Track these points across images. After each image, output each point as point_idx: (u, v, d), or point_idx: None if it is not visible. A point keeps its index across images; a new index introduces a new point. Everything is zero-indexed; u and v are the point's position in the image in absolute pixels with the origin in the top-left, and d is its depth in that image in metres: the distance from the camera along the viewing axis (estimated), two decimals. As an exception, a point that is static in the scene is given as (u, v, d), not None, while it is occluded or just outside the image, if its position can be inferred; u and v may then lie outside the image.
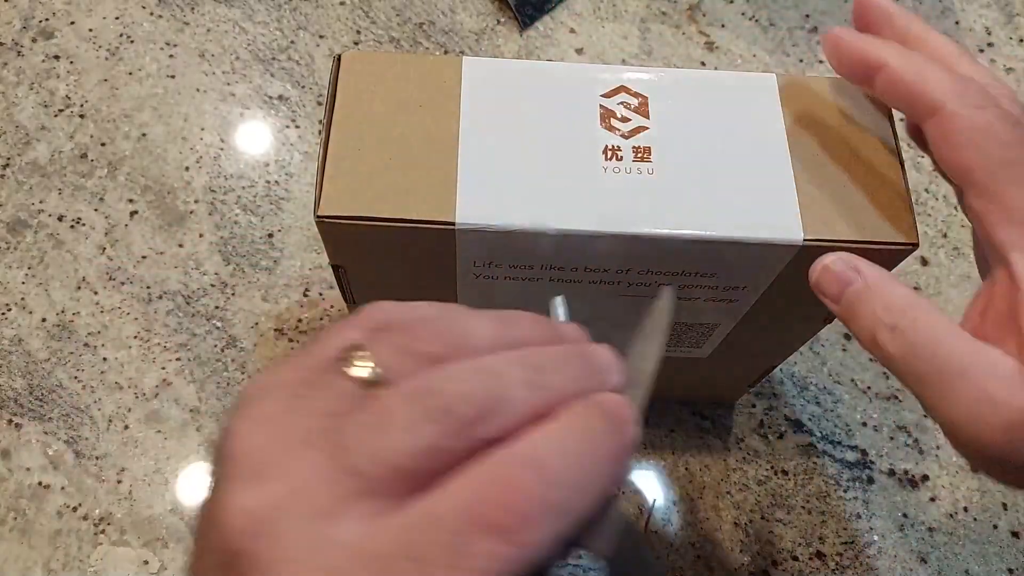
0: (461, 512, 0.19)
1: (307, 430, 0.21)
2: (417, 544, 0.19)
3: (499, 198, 0.31)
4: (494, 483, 0.20)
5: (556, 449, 0.21)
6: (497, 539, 0.19)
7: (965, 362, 0.26)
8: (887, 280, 0.29)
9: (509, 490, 0.20)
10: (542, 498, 0.20)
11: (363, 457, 0.20)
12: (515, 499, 0.19)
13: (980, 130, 0.28)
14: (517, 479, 0.20)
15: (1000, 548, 0.49)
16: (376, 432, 0.20)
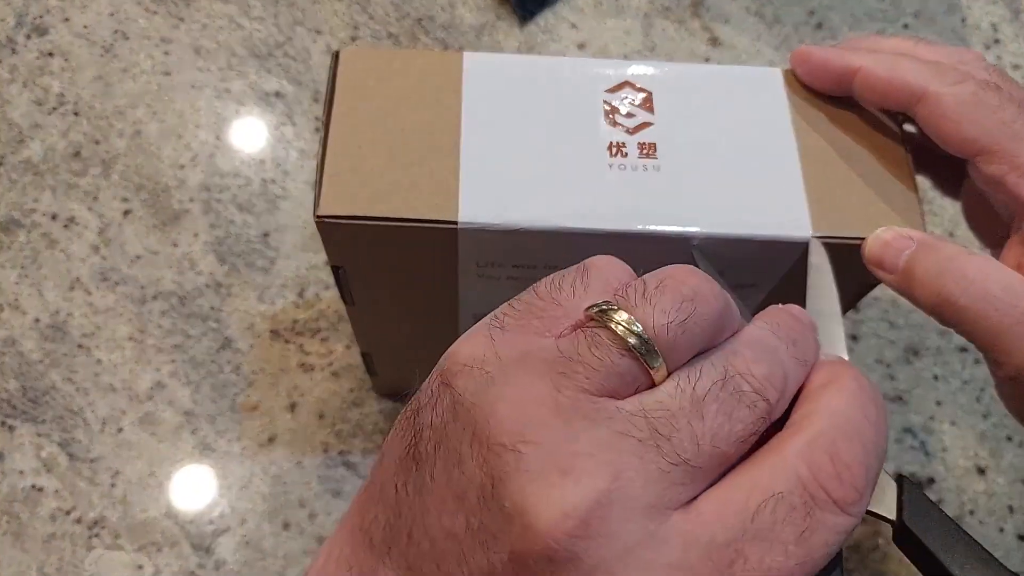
0: (799, 488, 0.19)
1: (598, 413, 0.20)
2: (762, 524, 0.19)
3: (502, 196, 0.30)
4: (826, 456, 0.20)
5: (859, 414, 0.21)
6: (836, 511, 0.19)
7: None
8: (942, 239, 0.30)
9: (842, 463, 0.20)
10: (866, 464, 0.20)
11: (686, 445, 0.19)
12: (849, 472, 0.20)
13: (968, 102, 0.30)
14: (844, 450, 0.20)
15: (1006, 552, 0.48)
16: (694, 418, 0.20)
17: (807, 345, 0.23)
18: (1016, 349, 0.27)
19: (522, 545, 0.19)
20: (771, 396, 0.21)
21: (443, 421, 0.21)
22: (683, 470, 0.19)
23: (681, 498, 0.19)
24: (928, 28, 0.62)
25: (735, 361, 0.21)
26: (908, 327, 0.53)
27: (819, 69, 0.33)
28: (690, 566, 0.19)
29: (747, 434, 0.20)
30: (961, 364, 0.53)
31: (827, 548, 0.19)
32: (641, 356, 0.20)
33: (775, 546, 0.19)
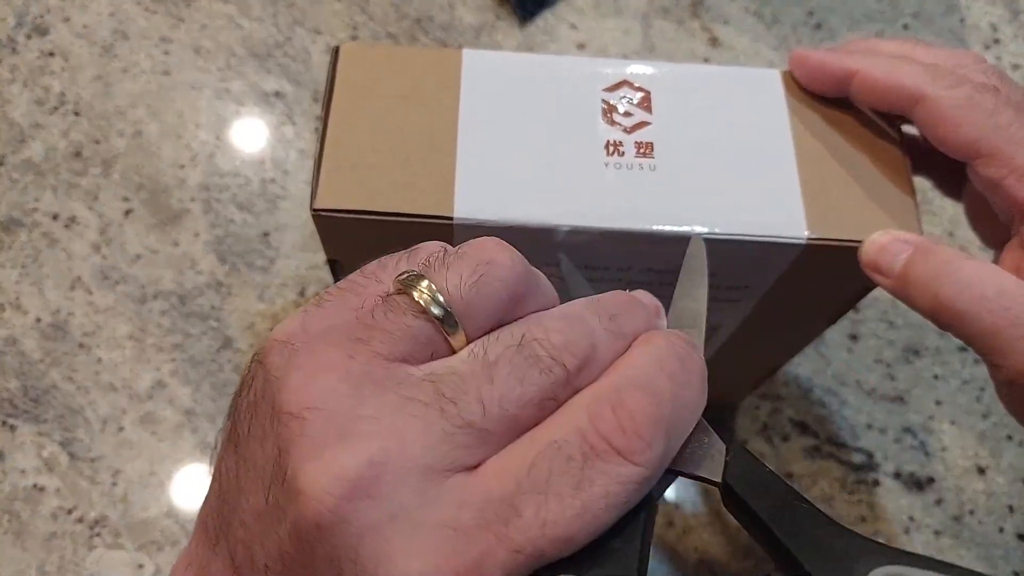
0: (579, 438, 0.19)
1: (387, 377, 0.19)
2: (538, 477, 0.19)
3: (498, 193, 0.30)
4: (608, 406, 0.20)
5: (655, 367, 0.21)
6: (618, 460, 0.19)
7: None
8: (938, 243, 0.30)
9: (623, 411, 0.20)
10: (655, 416, 0.20)
11: (473, 408, 0.19)
12: (631, 419, 0.20)
13: (965, 106, 0.30)
14: (630, 400, 0.20)
15: (1006, 551, 0.48)
16: (483, 381, 0.20)
17: (629, 320, 0.23)
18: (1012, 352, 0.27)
19: (296, 514, 0.18)
20: (568, 362, 0.20)
21: (255, 399, 0.20)
22: (468, 433, 0.19)
23: (466, 460, 0.19)
24: (927, 29, 0.62)
25: (535, 329, 0.21)
26: (908, 327, 0.53)
27: (817, 72, 0.33)
28: (462, 525, 0.18)
29: (540, 398, 0.20)
30: (961, 364, 0.53)
31: (608, 499, 0.19)
32: (437, 320, 0.20)
33: (551, 498, 0.19)
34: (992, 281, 0.28)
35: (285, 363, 0.20)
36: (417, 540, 0.18)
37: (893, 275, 0.30)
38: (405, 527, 0.18)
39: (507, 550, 0.18)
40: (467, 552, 0.18)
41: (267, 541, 0.19)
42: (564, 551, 0.19)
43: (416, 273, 0.21)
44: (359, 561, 0.18)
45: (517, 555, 0.18)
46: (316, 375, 0.19)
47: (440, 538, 0.18)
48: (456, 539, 0.18)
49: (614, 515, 0.19)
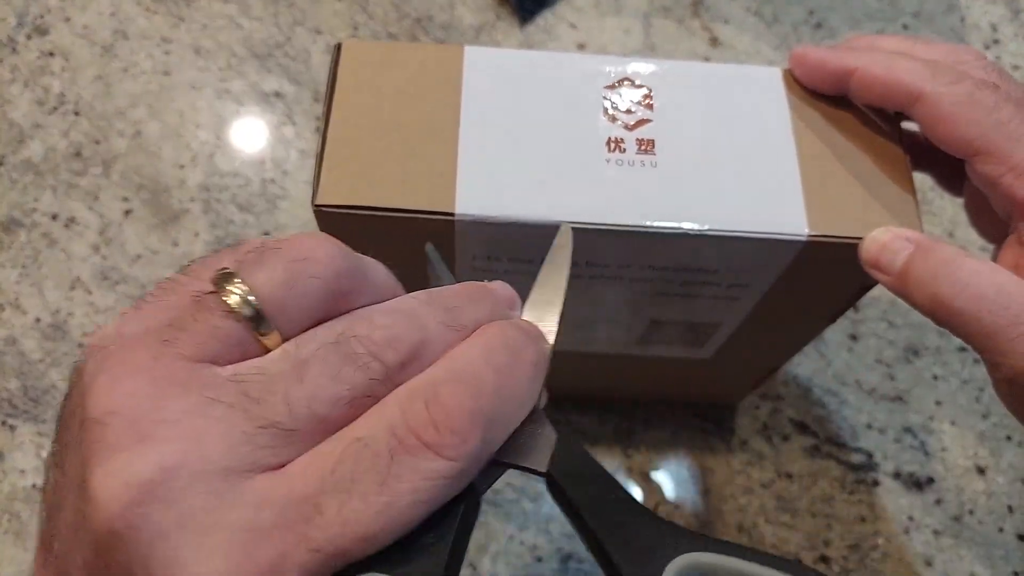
0: (388, 433, 0.19)
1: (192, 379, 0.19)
2: (342, 474, 0.18)
3: (499, 189, 0.30)
4: (421, 400, 0.19)
5: (479, 360, 0.20)
6: (429, 455, 0.19)
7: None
8: (938, 241, 0.29)
9: (437, 405, 0.19)
10: (471, 409, 0.19)
11: (278, 408, 0.19)
12: (444, 413, 0.19)
13: (964, 102, 0.30)
14: (444, 393, 0.19)
15: (1006, 551, 0.48)
16: (292, 381, 0.19)
17: (469, 312, 0.22)
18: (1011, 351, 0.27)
19: (92, 522, 0.18)
20: (389, 358, 0.20)
21: (72, 406, 0.20)
22: (273, 433, 0.18)
23: (270, 461, 0.18)
24: (927, 28, 0.62)
25: (356, 325, 0.20)
26: (908, 327, 0.53)
27: (816, 69, 0.33)
28: (261, 526, 0.18)
29: (355, 396, 0.19)
30: (961, 364, 0.52)
31: (415, 495, 0.19)
32: (248, 319, 0.19)
33: (354, 495, 0.18)
34: (992, 280, 0.28)
35: (96, 368, 0.19)
36: (208, 544, 0.17)
37: (893, 273, 0.30)
38: (197, 531, 0.17)
39: (306, 550, 0.18)
40: (262, 554, 0.18)
41: (77, 554, 0.19)
42: (368, 549, 0.18)
43: (228, 271, 0.20)
44: (150, 568, 0.17)
45: (316, 554, 0.18)
46: (120, 379, 0.19)
47: (233, 541, 0.18)
48: (251, 541, 0.18)
49: (423, 511, 0.19)
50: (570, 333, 0.39)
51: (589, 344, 0.41)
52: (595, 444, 0.50)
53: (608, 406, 0.51)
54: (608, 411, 0.51)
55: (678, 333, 0.39)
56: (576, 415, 0.50)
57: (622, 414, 0.51)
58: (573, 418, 0.50)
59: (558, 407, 0.50)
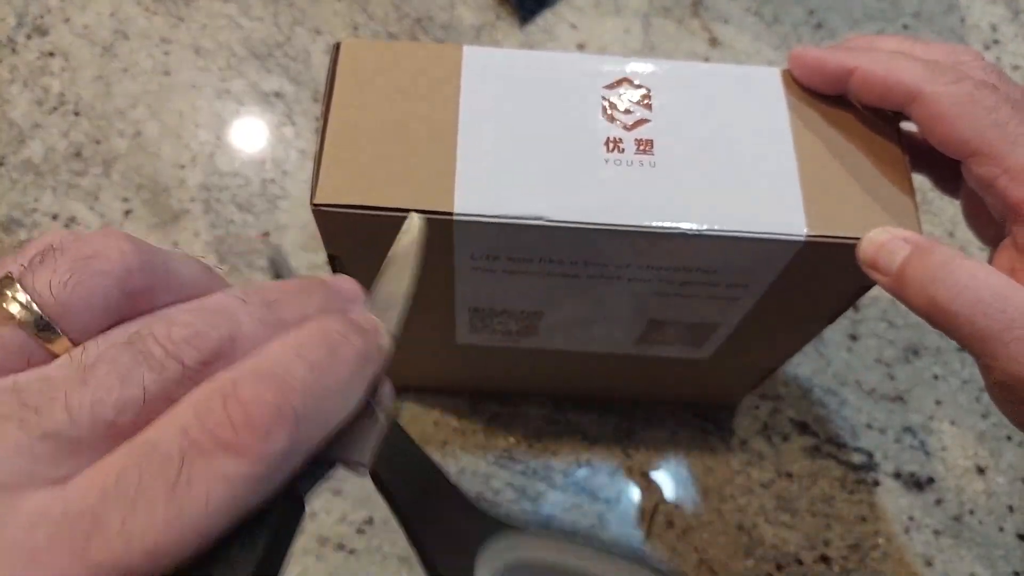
0: (179, 437, 0.17)
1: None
2: (127, 483, 0.17)
3: (498, 189, 0.30)
4: (219, 399, 0.18)
5: (289, 354, 0.19)
6: (227, 457, 0.17)
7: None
8: (936, 243, 0.29)
9: (236, 404, 0.18)
10: (276, 406, 0.18)
11: (57, 416, 0.17)
12: (244, 412, 0.18)
13: (963, 103, 0.30)
14: (245, 390, 0.18)
15: (1006, 551, 0.48)
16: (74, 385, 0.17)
17: (292, 307, 0.21)
18: (1005, 355, 0.27)
19: None
20: (188, 357, 0.18)
21: None
22: (54, 443, 0.17)
23: (50, 474, 0.17)
24: (927, 28, 0.62)
25: (157, 324, 0.19)
26: (908, 327, 0.53)
27: (815, 69, 0.33)
28: (33, 547, 0.16)
29: (144, 399, 0.18)
30: (961, 364, 0.52)
31: (211, 500, 0.17)
32: (29, 324, 0.18)
33: (139, 506, 0.16)
34: (988, 283, 0.28)
35: None
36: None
37: (890, 273, 0.30)
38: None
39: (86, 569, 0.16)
40: None
41: None
42: (159, 565, 0.17)
43: (8, 276, 0.18)
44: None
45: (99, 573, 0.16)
46: None
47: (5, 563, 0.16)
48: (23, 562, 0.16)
49: (223, 519, 0.17)
50: (569, 333, 0.39)
51: (588, 344, 0.41)
52: (595, 444, 0.50)
53: (608, 406, 0.51)
54: (608, 411, 0.51)
55: (677, 333, 0.39)
56: (576, 415, 0.50)
57: (622, 414, 0.51)
58: (573, 418, 0.50)
59: (558, 407, 0.50)
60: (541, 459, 0.49)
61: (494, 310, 0.37)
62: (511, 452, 0.49)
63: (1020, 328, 0.27)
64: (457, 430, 0.49)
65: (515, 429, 0.50)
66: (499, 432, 0.50)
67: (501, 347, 0.41)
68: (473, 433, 0.49)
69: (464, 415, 0.50)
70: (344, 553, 0.46)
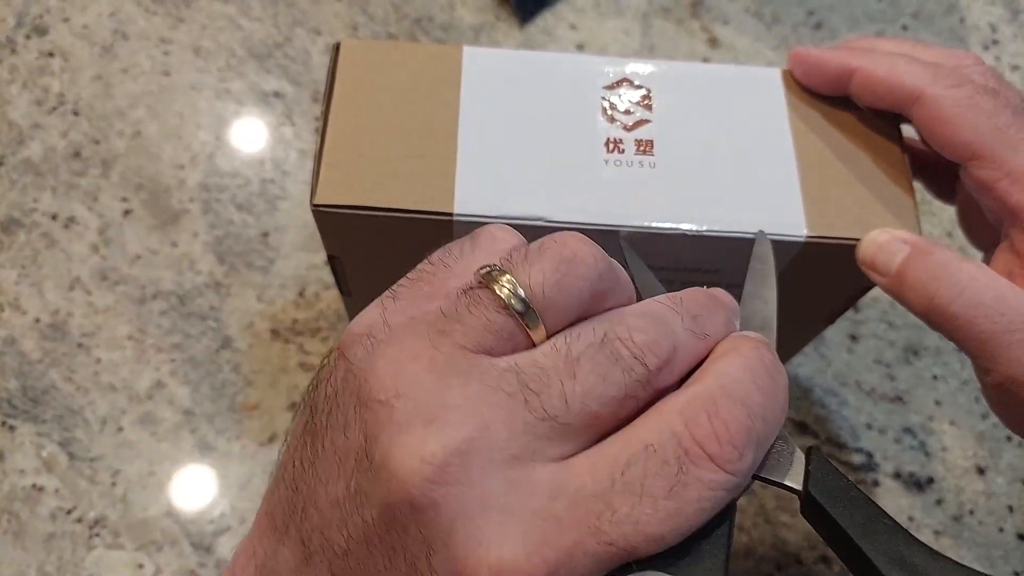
0: (674, 443, 0.20)
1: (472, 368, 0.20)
2: (633, 477, 0.19)
3: (498, 189, 0.30)
4: (704, 414, 0.20)
5: (748, 379, 0.21)
6: (712, 468, 0.20)
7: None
8: (936, 244, 0.30)
9: (719, 420, 0.20)
10: (747, 426, 0.20)
11: (555, 402, 0.20)
12: (725, 429, 0.20)
13: (964, 106, 0.30)
14: (724, 410, 0.20)
15: (1006, 551, 0.48)
16: (566, 377, 0.20)
17: (711, 321, 0.23)
18: (1003, 357, 0.27)
19: (386, 495, 0.19)
20: (650, 362, 0.21)
21: (335, 391, 0.21)
22: (550, 425, 0.19)
23: (549, 452, 0.20)
24: (927, 28, 0.62)
25: (617, 327, 0.21)
26: (908, 327, 0.53)
27: (816, 70, 0.33)
28: (555, 514, 0.19)
29: (621, 396, 0.20)
30: (961, 364, 0.52)
31: (700, 503, 0.20)
32: (518, 314, 0.20)
33: (644, 499, 0.19)
34: (988, 285, 0.28)
35: (368, 354, 0.21)
36: (510, 527, 0.19)
37: (890, 274, 0.30)
38: (497, 514, 0.19)
39: (600, 542, 0.19)
40: (559, 541, 0.19)
41: (349, 526, 0.20)
42: (655, 548, 0.19)
43: (498, 268, 0.21)
44: (451, 544, 0.18)
45: (609, 547, 0.19)
46: (402, 364, 0.20)
47: (533, 526, 0.19)
48: (548, 528, 0.19)
49: (704, 518, 0.20)
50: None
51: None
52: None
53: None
54: (608, 411, 0.50)
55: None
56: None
57: (622, 414, 0.50)
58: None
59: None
60: (541, 459, 0.49)
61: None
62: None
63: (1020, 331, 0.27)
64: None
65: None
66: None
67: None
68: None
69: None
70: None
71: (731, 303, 0.25)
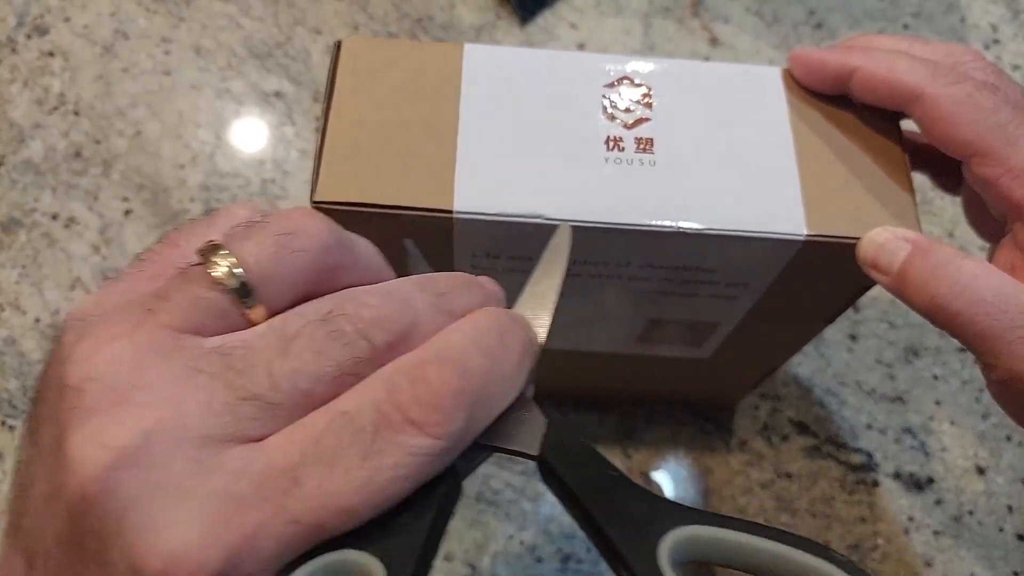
0: (372, 409, 0.19)
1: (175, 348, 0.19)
2: (325, 447, 0.18)
3: (498, 187, 0.30)
4: (407, 378, 0.19)
5: (467, 341, 0.21)
6: (413, 432, 0.19)
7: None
8: (936, 242, 0.29)
9: (423, 383, 0.19)
10: (456, 388, 0.19)
11: (260, 381, 0.19)
12: (430, 391, 0.19)
13: (964, 104, 0.30)
14: (432, 372, 0.19)
15: (1006, 552, 0.48)
16: (276, 354, 0.19)
17: (460, 299, 0.22)
18: (1006, 354, 0.27)
19: (66, 488, 0.18)
20: (376, 338, 0.20)
21: (50, 379, 0.20)
22: (255, 405, 0.19)
23: (250, 433, 0.18)
24: (927, 28, 0.62)
25: (346, 303, 0.20)
26: (908, 327, 0.53)
27: (815, 71, 0.33)
28: (238, 495, 0.18)
29: (340, 373, 0.19)
30: (961, 364, 0.52)
31: (398, 470, 0.19)
32: (233, 291, 0.19)
33: (335, 469, 0.18)
34: (989, 283, 0.28)
35: (75, 339, 0.19)
36: (185, 510, 0.17)
37: (891, 273, 0.30)
38: (173, 497, 0.17)
39: (284, 521, 0.18)
40: (239, 522, 0.18)
41: (50, 525, 0.18)
42: (347, 523, 0.19)
43: (215, 243, 0.20)
44: (123, 533, 0.17)
45: (294, 526, 0.18)
46: (100, 347, 0.19)
47: (211, 508, 0.17)
48: (228, 509, 0.18)
49: (404, 488, 0.19)
50: (569, 332, 0.39)
51: (588, 343, 0.41)
52: (595, 444, 0.49)
53: (608, 406, 0.51)
54: (608, 411, 0.51)
55: (677, 332, 0.39)
56: (576, 415, 0.50)
57: (622, 414, 0.51)
58: (573, 418, 0.50)
59: (558, 407, 0.50)
60: (541, 459, 0.49)
61: (494, 309, 0.37)
62: (511, 452, 0.49)
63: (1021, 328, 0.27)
64: (457, 430, 0.49)
65: (515, 429, 0.50)
66: (499, 432, 0.49)
67: (501, 346, 0.41)
68: (473, 433, 0.49)
69: (464, 415, 0.50)
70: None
71: (493, 289, 0.24)
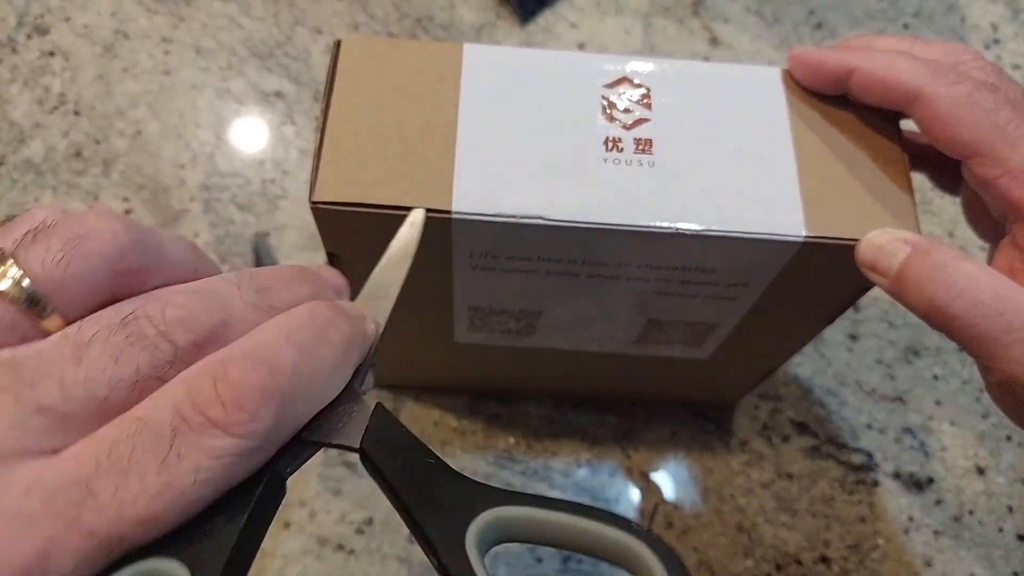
0: (171, 412, 0.18)
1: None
2: (119, 456, 0.17)
3: (497, 187, 0.30)
4: (209, 378, 0.19)
5: (278, 337, 0.20)
6: (215, 433, 0.18)
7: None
8: (935, 243, 0.29)
9: (225, 382, 0.18)
10: (262, 386, 0.19)
11: (52, 391, 0.18)
12: (233, 392, 0.18)
13: (963, 104, 0.30)
14: (233, 370, 0.19)
15: (1006, 552, 0.48)
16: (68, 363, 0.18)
17: (281, 293, 0.22)
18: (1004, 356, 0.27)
19: None
20: (180, 339, 0.19)
21: None
22: (48, 417, 0.18)
23: (43, 447, 0.18)
24: (927, 27, 0.62)
25: (151, 305, 0.19)
26: (908, 327, 0.53)
27: (815, 71, 0.33)
28: (28, 512, 0.17)
29: (137, 378, 0.18)
30: (961, 364, 0.52)
31: (199, 473, 0.18)
32: (23, 302, 0.18)
33: (130, 477, 0.17)
34: (988, 285, 0.27)
35: None
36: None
37: (890, 275, 0.30)
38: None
39: (78, 535, 0.17)
40: (29, 541, 0.17)
41: None
42: (150, 532, 0.18)
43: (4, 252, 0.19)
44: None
45: (90, 539, 0.17)
46: None
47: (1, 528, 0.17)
48: (16, 528, 0.17)
49: (209, 491, 0.18)
50: (569, 332, 0.39)
51: (588, 344, 0.41)
52: (595, 444, 0.50)
53: (608, 406, 0.51)
54: (608, 411, 0.51)
55: (676, 333, 0.39)
56: (576, 415, 0.50)
57: (622, 414, 0.51)
58: (573, 418, 0.50)
59: (558, 407, 0.50)
60: (541, 459, 0.49)
61: (493, 309, 0.37)
62: (511, 452, 0.49)
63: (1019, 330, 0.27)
64: (457, 430, 0.49)
65: (515, 429, 0.50)
66: (499, 432, 0.49)
67: (500, 346, 0.41)
68: (473, 433, 0.49)
69: (464, 415, 0.50)
70: (344, 553, 0.46)
71: (334, 281, 0.24)
